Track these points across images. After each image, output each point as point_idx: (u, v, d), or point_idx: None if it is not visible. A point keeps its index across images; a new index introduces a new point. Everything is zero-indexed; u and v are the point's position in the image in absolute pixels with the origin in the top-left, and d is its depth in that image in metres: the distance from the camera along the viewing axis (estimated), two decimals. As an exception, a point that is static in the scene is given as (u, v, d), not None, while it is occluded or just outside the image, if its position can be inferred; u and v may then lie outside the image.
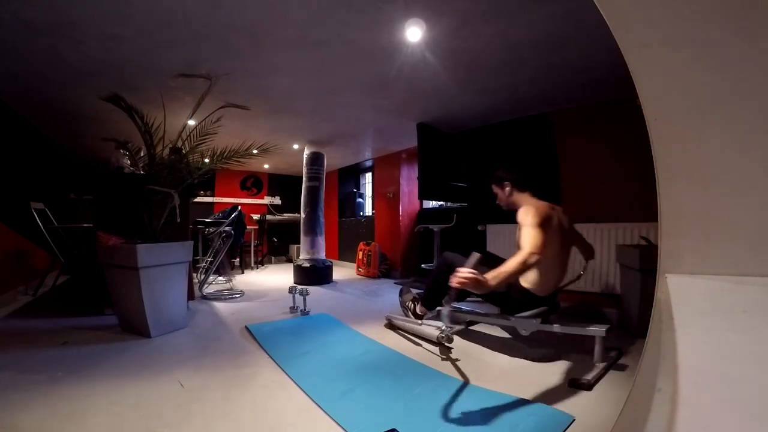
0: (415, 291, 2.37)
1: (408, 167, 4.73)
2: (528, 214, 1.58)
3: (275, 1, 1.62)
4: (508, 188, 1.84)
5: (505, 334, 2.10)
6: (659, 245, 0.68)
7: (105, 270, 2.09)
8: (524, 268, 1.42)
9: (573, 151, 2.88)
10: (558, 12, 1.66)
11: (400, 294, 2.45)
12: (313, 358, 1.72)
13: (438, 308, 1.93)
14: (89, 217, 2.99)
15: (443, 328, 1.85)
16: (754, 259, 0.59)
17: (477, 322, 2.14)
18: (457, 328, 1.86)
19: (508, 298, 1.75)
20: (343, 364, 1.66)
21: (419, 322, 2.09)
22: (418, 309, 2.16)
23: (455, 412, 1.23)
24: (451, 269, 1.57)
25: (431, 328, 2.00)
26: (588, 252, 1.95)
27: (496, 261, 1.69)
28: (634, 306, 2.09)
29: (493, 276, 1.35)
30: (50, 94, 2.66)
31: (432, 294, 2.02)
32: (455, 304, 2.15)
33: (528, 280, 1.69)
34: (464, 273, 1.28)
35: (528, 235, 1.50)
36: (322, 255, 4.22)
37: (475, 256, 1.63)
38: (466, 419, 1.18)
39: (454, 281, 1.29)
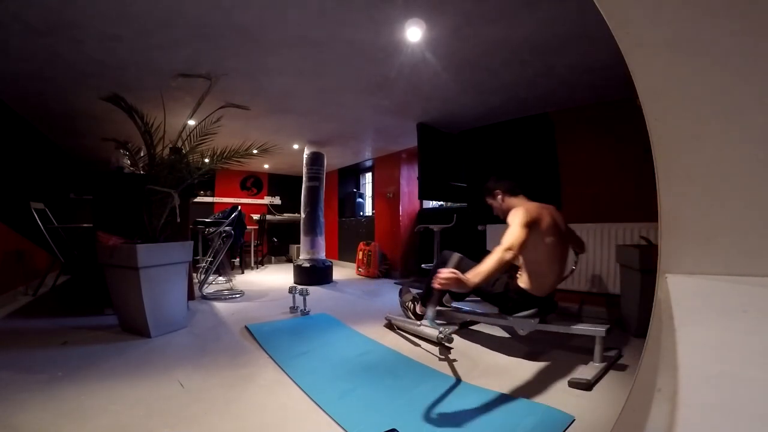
0: (414, 291, 2.37)
1: (408, 167, 4.73)
2: (516, 215, 1.60)
3: (275, 1, 1.62)
4: (500, 197, 1.86)
5: (505, 334, 2.10)
6: (659, 245, 0.68)
7: (105, 270, 2.09)
8: (500, 264, 1.43)
9: (573, 151, 2.88)
10: (558, 12, 1.66)
11: (400, 294, 2.46)
12: (313, 358, 1.72)
13: (439, 307, 1.98)
14: (89, 217, 2.99)
15: (442, 329, 1.86)
16: (754, 259, 0.59)
17: (474, 323, 2.15)
18: (453, 328, 1.86)
19: (506, 299, 1.76)
20: (343, 364, 1.66)
21: (419, 322, 2.10)
22: (418, 309, 2.17)
23: (455, 412, 1.23)
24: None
25: (431, 328, 2.00)
26: (580, 246, 2.00)
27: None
28: (634, 306, 2.09)
29: (474, 274, 1.38)
30: (50, 94, 2.66)
31: (430, 293, 2.02)
32: (454, 304, 2.18)
33: (524, 280, 1.71)
34: (445, 273, 1.32)
35: (508, 232, 1.53)
36: (322, 255, 4.22)
37: (456, 256, 1.67)
38: (466, 419, 1.18)
39: (436, 283, 1.32)
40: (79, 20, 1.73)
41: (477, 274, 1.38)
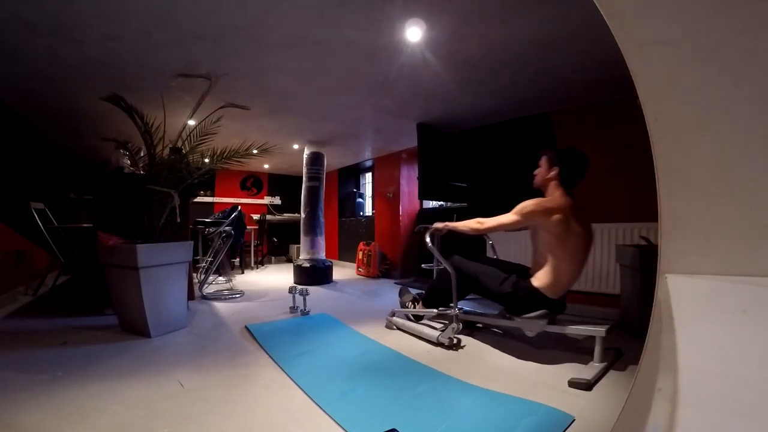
0: (414, 291, 2.37)
1: (408, 167, 4.73)
2: (526, 203, 1.70)
3: (275, 1, 1.62)
4: (553, 173, 1.73)
5: (505, 334, 2.09)
6: (659, 245, 0.68)
7: (105, 270, 2.09)
8: (466, 229, 1.89)
9: (573, 151, 2.88)
10: (558, 12, 1.66)
11: (400, 294, 2.47)
12: (313, 358, 1.72)
13: (441, 308, 2.02)
14: (89, 217, 2.99)
15: (447, 327, 1.86)
16: (754, 259, 0.59)
17: (479, 325, 2.14)
18: (455, 328, 1.85)
19: (514, 298, 1.73)
20: (343, 364, 1.66)
21: (418, 322, 2.11)
22: (418, 308, 2.17)
23: (455, 412, 1.23)
24: (463, 275, 1.95)
25: (431, 328, 2.00)
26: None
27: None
28: (634, 306, 2.09)
29: (452, 226, 1.98)
30: (50, 94, 2.66)
31: (436, 295, 2.07)
32: (461, 305, 2.10)
33: (541, 280, 1.67)
34: (438, 225, 2.03)
35: (503, 215, 1.77)
36: (322, 255, 4.22)
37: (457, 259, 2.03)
38: (466, 419, 1.18)
39: (436, 227, 2.04)
40: (79, 20, 1.73)
41: (452, 225, 1.99)
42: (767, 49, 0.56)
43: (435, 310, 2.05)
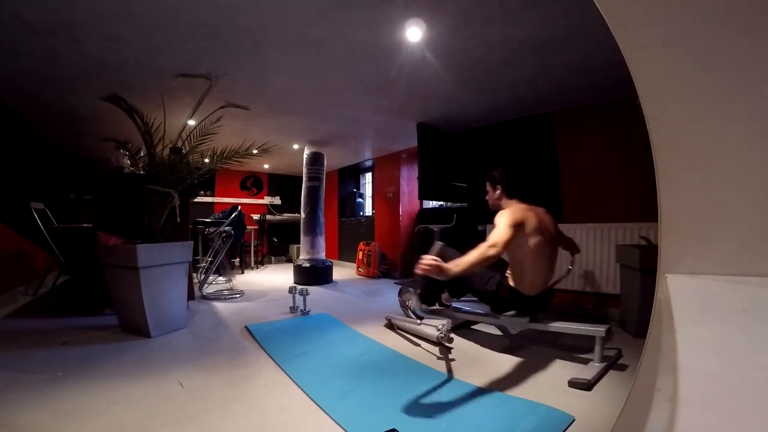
0: (413, 290, 2.38)
1: (408, 167, 4.73)
2: (503, 216, 1.67)
3: (275, 1, 1.62)
4: (498, 191, 1.90)
5: (505, 334, 2.09)
6: (659, 245, 0.68)
7: (105, 270, 2.09)
8: (482, 258, 1.47)
9: (573, 151, 2.88)
10: (558, 12, 1.66)
11: (400, 294, 2.47)
12: (313, 358, 1.72)
13: (438, 306, 2.04)
14: (89, 217, 2.99)
15: (441, 328, 1.86)
16: (754, 259, 0.59)
17: (473, 322, 2.15)
18: (449, 324, 1.87)
19: (497, 297, 1.81)
20: (343, 364, 1.66)
21: (419, 321, 2.11)
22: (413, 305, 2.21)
23: (455, 412, 1.23)
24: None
25: (431, 328, 2.00)
26: (572, 247, 2.01)
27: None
28: (634, 306, 2.09)
29: (455, 264, 1.41)
30: (50, 94, 2.66)
31: (429, 291, 2.06)
32: (454, 304, 2.19)
33: (513, 280, 1.77)
34: (427, 260, 1.33)
35: (495, 231, 1.59)
36: (322, 255, 4.22)
37: (438, 245, 1.91)
38: (466, 419, 1.18)
39: (418, 269, 1.35)
40: (79, 20, 1.73)
41: (458, 264, 1.41)
42: (767, 49, 0.56)
43: (429, 309, 2.06)
